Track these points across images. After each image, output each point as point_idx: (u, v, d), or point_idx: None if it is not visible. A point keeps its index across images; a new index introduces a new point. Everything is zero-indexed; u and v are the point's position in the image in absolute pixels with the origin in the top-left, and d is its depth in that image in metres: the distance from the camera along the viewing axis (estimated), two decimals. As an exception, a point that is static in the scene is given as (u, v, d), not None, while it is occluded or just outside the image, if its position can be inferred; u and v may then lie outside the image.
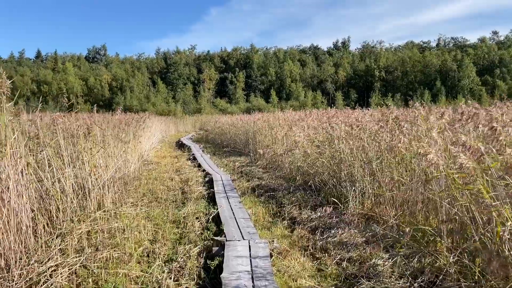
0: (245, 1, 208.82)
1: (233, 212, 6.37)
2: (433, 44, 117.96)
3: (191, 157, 15.27)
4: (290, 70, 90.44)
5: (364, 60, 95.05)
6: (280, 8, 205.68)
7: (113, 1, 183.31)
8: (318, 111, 17.20)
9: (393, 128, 6.84)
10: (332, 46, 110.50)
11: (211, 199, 7.77)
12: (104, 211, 6.05)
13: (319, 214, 6.50)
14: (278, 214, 6.89)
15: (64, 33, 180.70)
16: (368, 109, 14.80)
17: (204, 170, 11.68)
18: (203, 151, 17.93)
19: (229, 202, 7.08)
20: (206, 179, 10.00)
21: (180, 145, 22.30)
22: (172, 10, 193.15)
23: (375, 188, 6.36)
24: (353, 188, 6.66)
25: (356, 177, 6.73)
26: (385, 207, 6.02)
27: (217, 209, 6.59)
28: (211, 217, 6.43)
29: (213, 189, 8.35)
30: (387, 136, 6.56)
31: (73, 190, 5.88)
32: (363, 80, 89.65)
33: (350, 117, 7.78)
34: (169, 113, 58.90)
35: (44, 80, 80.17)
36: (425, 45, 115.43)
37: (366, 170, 6.59)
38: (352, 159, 6.94)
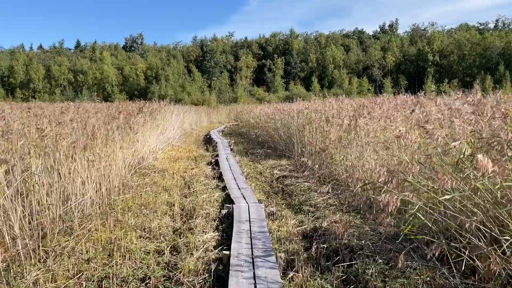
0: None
1: None
2: (491, 26, 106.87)
3: (214, 160, 11.16)
4: (333, 56, 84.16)
5: (415, 43, 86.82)
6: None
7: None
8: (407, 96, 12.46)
9: None
10: (379, 30, 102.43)
11: (220, 284, 3.53)
12: None
13: None
14: None
15: (104, 24, 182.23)
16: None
17: (224, 188, 7.49)
18: (231, 149, 13.80)
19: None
20: (224, 211, 5.78)
21: (207, 140, 18.34)
22: (212, 2, 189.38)
23: None
24: None
25: None
26: None
27: None
28: None
29: (230, 250, 4.10)
30: None
31: None
32: (414, 65, 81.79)
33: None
34: (203, 102, 55.42)
35: (80, 70, 79.19)
36: (482, 27, 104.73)
37: None
38: None
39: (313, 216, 5.83)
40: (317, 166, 9.08)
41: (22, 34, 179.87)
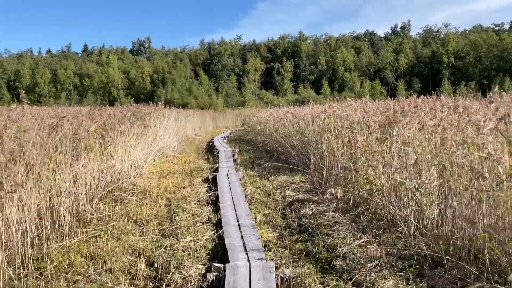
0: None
1: None
2: (506, 27, 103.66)
3: (212, 177, 9.08)
4: (343, 59, 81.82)
5: (429, 45, 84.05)
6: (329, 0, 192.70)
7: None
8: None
9: None
10: (390, 32, 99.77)
11: None
12: None
13: None
14: None
15: (112, 28, 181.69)
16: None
17: (219, 224, 5.42)
18: (235, 160, 11.76)
19: None
20: (212, 275, 3.67)
21: (209, 148, 16.31)
22: (220, 6, 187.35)
23: None
24: None
25: None
26: None
27: None
28: None
29: None
30: None
31: None
32: (428, 68, 79.04)
33: None
34: (210, 106, 53.49)
35: (86, 74, 78.00)
36: (497, 28, 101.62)
37: None
38: None
39: (350, 279, 3.75)
40: (340, 188, 7.00)
41: (31, 39, 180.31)
